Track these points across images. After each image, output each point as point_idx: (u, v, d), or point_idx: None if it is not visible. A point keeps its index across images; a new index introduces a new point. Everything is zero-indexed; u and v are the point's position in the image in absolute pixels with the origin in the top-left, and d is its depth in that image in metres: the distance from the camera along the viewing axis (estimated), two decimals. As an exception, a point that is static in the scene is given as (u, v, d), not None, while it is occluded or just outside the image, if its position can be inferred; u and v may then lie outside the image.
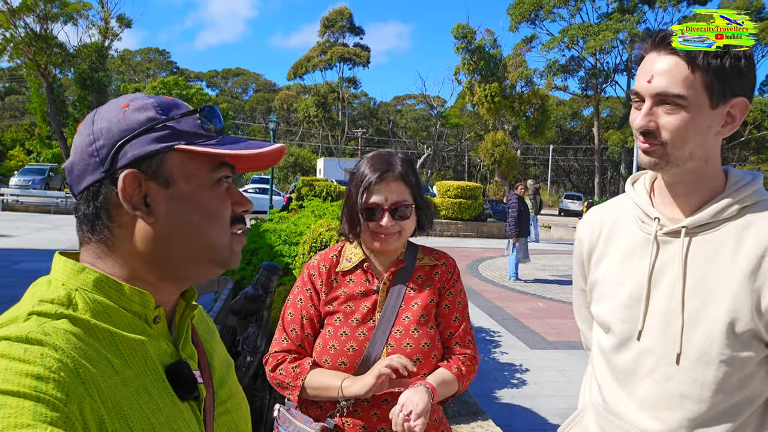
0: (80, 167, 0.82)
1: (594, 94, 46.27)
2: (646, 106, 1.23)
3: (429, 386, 1.58)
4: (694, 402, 1.23)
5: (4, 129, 53.49)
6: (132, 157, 0.80)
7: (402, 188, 1.69)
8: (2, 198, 24.05)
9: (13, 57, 37.06)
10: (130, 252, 0.83)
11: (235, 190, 0.91)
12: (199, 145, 0.83)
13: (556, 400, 5.33)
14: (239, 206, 0.90)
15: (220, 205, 0.86)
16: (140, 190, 0.81)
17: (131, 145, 0.81)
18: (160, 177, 0.82)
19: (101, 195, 0.81)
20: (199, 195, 0.84)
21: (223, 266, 0.89)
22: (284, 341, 1.74)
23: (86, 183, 0.82)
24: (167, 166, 0.82)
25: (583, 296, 1.57)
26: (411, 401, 1.52)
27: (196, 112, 0.86)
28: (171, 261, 0.84)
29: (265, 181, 36.32)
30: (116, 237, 0.82)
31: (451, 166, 65.01)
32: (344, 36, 54.32)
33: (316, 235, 3.67)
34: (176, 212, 0.83)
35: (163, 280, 0.86)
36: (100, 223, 0.82)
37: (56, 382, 0.67)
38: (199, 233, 0.84)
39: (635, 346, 1.31)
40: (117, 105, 0.84)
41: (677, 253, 1.27)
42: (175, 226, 0.83)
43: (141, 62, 67.74)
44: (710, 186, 1.29)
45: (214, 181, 0.86)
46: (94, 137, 0.81)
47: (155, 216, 0.82)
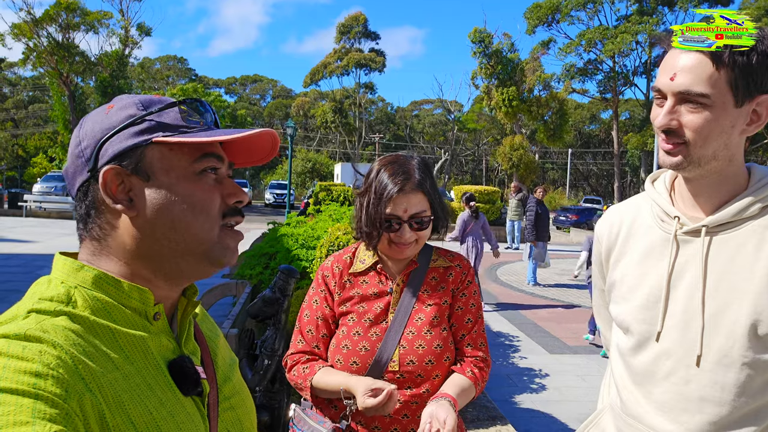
0: (72, 170, 0.84)
1: (613, 97, 45.82)
2: (668, 104, 1.20)
3: (451, 399, 1.55)
4: (714, 405, 1.20)
5: (28, 137, 54.42)
6: (112, 153, 0.81)
7: (420, 198, 1.68)
8: (26, 204, 24.46)
9: (36, 66, 37.70)
10: (120, 248, 0.83)
11: (229, 181, 0.89)
12: (178, 136, 0.83)
13: (577, 406, 5.27)
14: (232, 197, 0.87)
15: (203, 196, 0.84)
16: (124, 186, 0.82)
17: (111, 142, 0.82)
18: (140, 171, 0.82)
19: (90, 194, 0.83)
20: (180, 187, 0.83)
21: (215, 263, 0.86)
22: (300, 342, 1.76)
23: (77, 184, 0.84)
24: (147, 160, 0.82)
25: (602, 296, 1.55)
26: (438, 418, 1.47)
27: (176, 104, 0.85)
28: (158, 256, 0.84)
29: (283, 186, 36.56)
30: (106, 233, 0.83)
31: (468, 171, 64.82)
32: (360, 41, 54.48)
33: (333, 238, 3.67)
34: (157, 205, 0.82)
35: (157, 276, 0.85)
36: (90, 221, 0.84)
37: (55, 379, 0.67)
38: (181, 226, 0.83)
39: (654, 348, 1.28)
40: (103, 108, 0.86)
41: (698, 252, 1.24)
42: (157, 219, 0.82)
43: (160, 70, 68.54)
44: (732, 185, 1.25)
45: (197, 172, 0.84)
46: (80, 139, 0.83)
47: (136, 209, 0.82)
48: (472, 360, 1.72)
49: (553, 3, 42.71)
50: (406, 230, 1.66)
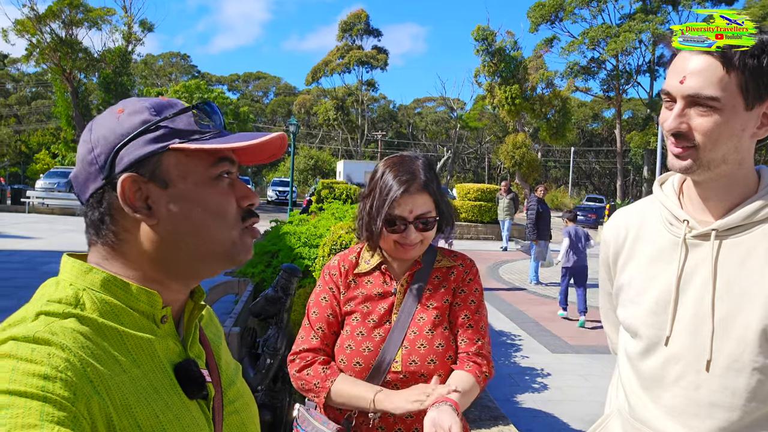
0: (83, 176, 0.83)
1: (616, 96, 45.78)
2: (677, 107, 1.18)
3: (452, 403, 1.50)
4: (724, 410, 1.19)
5: (30, 133, 54.50)
6: (128, 161, 0.81)
7: (426, 199, 1.67)
8: (28, 200, 24.51)
9: (40, 62, 37.81)
10: (136, 253, 0.83)
11: (241, 183, 0.90)
12: (194, 142, 0.83)
13: (579, 406, 5.26)
14: (245, 200, 0.89)
15: (221, 200, 0.86)
16: (141, 193, 0.81)
17: (127, 150, 0.81)
18: (158, 178, 0.82)
19: (104, 201, 0.82)
20: (198, 192, 0.84)
21: (233, 262, 0.88)
22: (313, 339, 1.72)
23: (90, 191, 0.83)
24: (164, 167, 0.82)
25: (609, 299, 1.53)
26: (443, 426, 1.42)
27: (189, 109, 0.85)
28: (178, 260, 0.84)
29: (285, 183, 36.61)
30: (121, 240, 0.83)
31: (471, 169, 64.81)
32: (362, 39, 54.51)
33: (336, 237, 3.66)
34: (177, 212, 0.83)
35: (171, 279, 0.86)
36: (105, 227, 0.83)
37: (63, 382, 0.68)
38: (202, 231, 0.84)
39: (662, 352, 1.27)
40: (113, 112, 0.84)
41: (707, 256, 1.23)
42: (178, 226, 0.83)
43: (163, 66, 68.62)
44: (742, 188, 1.24)
45: (213, 177, 0.85)
46: (92, 145, 0.82)
47: (157, 217, 0.82)
48: (465, 355, 1.69)
49: (556, 1, 42.68)
50: (412, 231, 1.66)
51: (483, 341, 1.72)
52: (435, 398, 1.51)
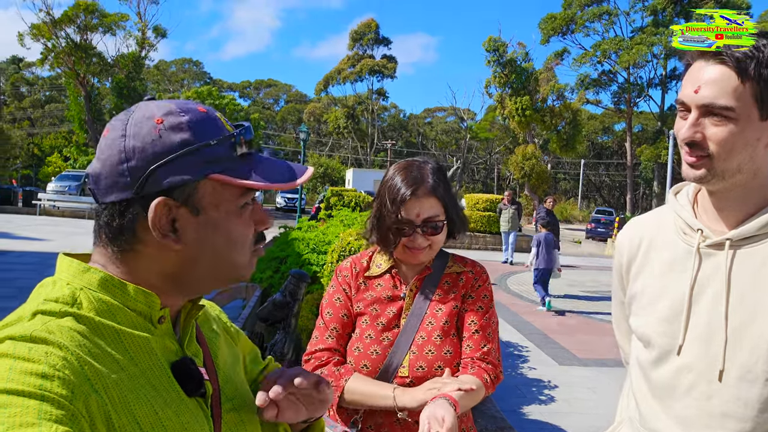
0: (108, 181, 0.80)
1: (627, 109, 45.66)
2: (692, 116, 1.18)
3: (449, 398, 1.47)
4: (737, 421, 1.17)
5: (43, 136, 55.06)
6: (166, 184, 0.79)
7: (433, 203, 1.67)
8: (39, 203, 24.70)
9: (54, 66, 38.25)
10: (146, 265, 0.83)
11: (258, 207, 0.91)
12: (231, 174, 0.83)
13: (586, 419, 5.21)
14: (261, 225, 0.91)
15: (245, 231, 0.88)
16: (169, 216, 0.80)
17: (164, 171, 0.79)
18: (191, 204, 0.81)
19: (128, 214, 0.80)
20: (227, 221, 0.85)
21: (239, 281, 0.93)
22: (328, 338, 1.72)
23: (113, 198, 0.80)
24: (200, 194, 0.82)
25: (622, 309, 1.52)
26: (436, 417, 1.41)
27: (231, 137, 0.84)
28: (191, 279, 0.86)
29: (294, 190, 36.71)
30: (137, 252, 0.82)
31: (480, 179, 64.78)
32: (372, 48, 54.76)
33: (345, 244, 3.67)
34: (203, 238, 0.83)
35: (178, 292, 0.87)
36: (123, 239, 0.81)
37: (61, 380, 0.68)
38: (223, 257, 0.86)
39: (675, 362, 1.26)
40: (150, 120, 0.80)
41: (721, 266, 1.22)
42: (202, 252, 0.84)
43: (176, 72, 69.21)
44: (757, 198, 1.23)
45: (240, 206, 0.86)
46: (126, 155, 0.78)
47: (183, 243, 0.82)
48: (470, 360, 1.67)
49: (567, 14, 42.74)
50: (419, 235, 1.65)
51: (490, 347, 1.70)
52: (443, 393, 1.50)
